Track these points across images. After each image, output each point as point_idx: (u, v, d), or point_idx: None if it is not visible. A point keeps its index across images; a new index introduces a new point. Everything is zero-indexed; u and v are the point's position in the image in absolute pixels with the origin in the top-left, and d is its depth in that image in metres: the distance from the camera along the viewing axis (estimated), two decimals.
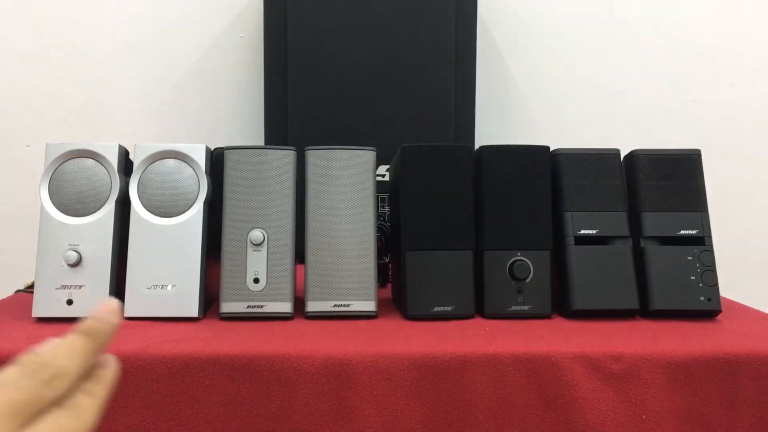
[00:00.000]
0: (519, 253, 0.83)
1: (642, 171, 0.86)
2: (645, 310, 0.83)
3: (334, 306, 0.81)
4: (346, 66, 1.22)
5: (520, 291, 0.83)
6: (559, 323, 0.81)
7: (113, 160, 0.82)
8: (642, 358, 0.69)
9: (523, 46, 1.43)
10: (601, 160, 0.86)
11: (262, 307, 0.80)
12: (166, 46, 1.40)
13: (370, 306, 0.82)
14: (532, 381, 0.68)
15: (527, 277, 0.82)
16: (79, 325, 0.31)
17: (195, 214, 0.82)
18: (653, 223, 0.85)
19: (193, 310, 0.80)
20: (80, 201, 0.81)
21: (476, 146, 0.97)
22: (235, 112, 1.41)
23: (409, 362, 0.67)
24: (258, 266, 0.81)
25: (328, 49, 1.22)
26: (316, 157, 0.84)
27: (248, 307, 0.80)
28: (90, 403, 0.28)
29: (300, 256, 0.83)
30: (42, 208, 0.81)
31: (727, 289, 0.93)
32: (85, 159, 0.83)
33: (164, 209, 0.82)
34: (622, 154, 0.88)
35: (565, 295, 0.83)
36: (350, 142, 0.86)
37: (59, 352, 0.28)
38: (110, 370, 0.30)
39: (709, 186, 0.87)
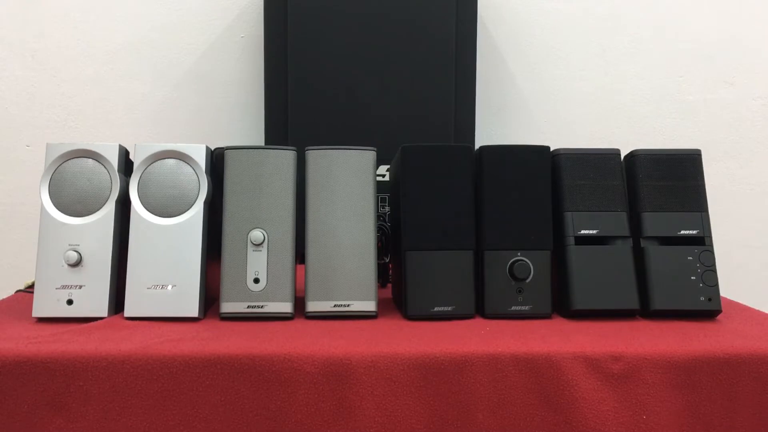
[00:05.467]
0: (519, 253, 0.83)
1: (642, 171, 0.86)
2: (645, 310, 0.83)
3: (335, 306, 0.81)
4: (346, 66, 1.22)
5: (520, 291, 0.83)
6: (559, 323, 0.81)
7: (113, 160, 0.82)
8: (642, 358, 0.69)
9: (523, 46, 1.43)
10: (601, 160, 0.86)
11: (262, 307, 0.80)
12: (166, 46, 1.40)
13: (370, 306, 0.82)
14: (532, 381, 0.68)
15: (527, 277, 0.82)
16: None
17: (195, 214, 0.82)
18: (653, 223, 0.85)
19: (193, 310, 0.80)
20: (80, 201, 0.81)
21: (476, 146, 0.97)
22: (235, 112, 1.41)
23: (410, 362, 0.67)
24: (258, 266, 0.81)
25: (328, 49, 1.22)
26: (316, 157, 0.84)
27: (248, 307, 0.80)
28: None
29: (300, 256, 0.83)
30: (42, 208, 0.81)
31: (727, 289, 0.93)
32: (85, 159, 0.83)
33: (164, 209, 0.82)
34: (622, 154, 0.88)
35: (565, 295, 0.83)
36: (350, 142, 0.86)
37: None
38: None
39: (709, 186, 0.87)
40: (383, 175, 1.20)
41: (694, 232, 0.84)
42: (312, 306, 0.81)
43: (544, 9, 1.43)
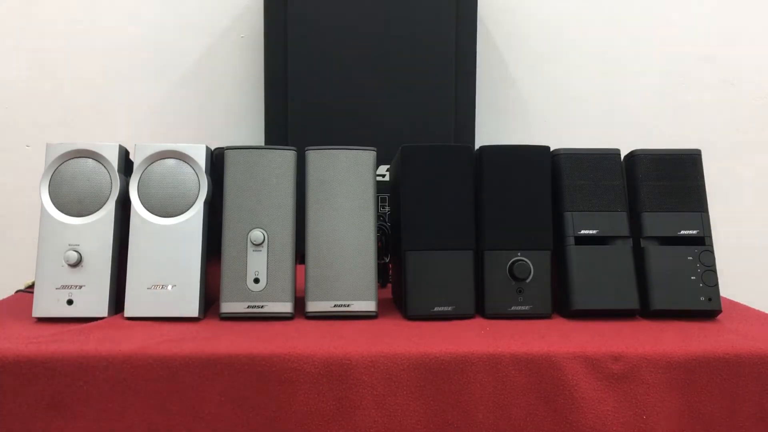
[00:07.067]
0: (519, 253, 0.83)
1: (642, 171, 0.86)
2: (645, 310, 0.83)
3: (335, 306, 0.81)
4: (346, 66, 1.22)
5: (520, 291, 0.83)
6: (559, 323, 0.81)
7: (113, 160, 0.82)
8: (642, 358, 0.69)
9: (523, 47, 1.43)
10: (601, 160, 0.86)
11: (262, 307, 0.80)
12: (167, 46, 1.40)
13: (370, 306, 0.82)
14: (532, 381, 0.68)
15: (527, 277, 0.82)
16: None
17: (195, 214, 0.82)
18: (653, 223, 0.85)
19: (193, 310, 0.80)
20: (80, 201, 0.81)
21: (476, 146, 0.97)
22: (235, 112, 1.41)
23: (410, 362, 0.67)
24: (258, 266, 0.81)
25: (328, 49, 1.22)
26: (316, 157, 0.84)
27: (248, 307, 0.80)
28: None
29: (300, 256, 0.83)
30: (42, 208, 0.81)
31: (727, 289, 0.93)
32: (85, 159, 0.83)
33: (164, 209, 0.82)
34: (622, 154, 0.88)
35: (565, 295, 0.83)
36: (350, 142, 0.86)
37: None
38: None
39: (709, 186, 0.87)
40: (383, 175, 1.20)
41: (694, 232, 0.84)
42: (312, 306, 0.81)
43: (544, 9, 1.43)
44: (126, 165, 0.85)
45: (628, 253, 0.83)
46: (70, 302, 0.79)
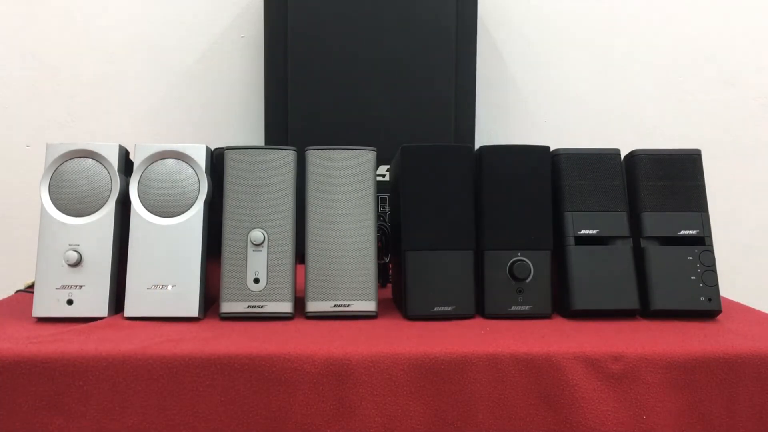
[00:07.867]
0: (519, 253, 0.83)
1: (642, 171, 0.86)
2: (645, 310, 0.83)
3: (335, 306, 0.81)
4: (346, 66, 1.22)
5: (520, 291, 0.83)
6: (559, 323, 0.81)
7: (113, 160, 0.82)
8: (642, 358, 0.69)
9: (523, 47, 1.43)
10: (601, 160, 0.86)
11: (262, 307, 0.81)
12: (167, 46, 1.40)
13: (370, 306, 0.82)
14: (532, 381, 0.68)
15: (527, 277, 0.82)
16: None
17: (195, 214, 0.82)
18: (653, 223, 0.85)
19: (193, 310, 0.80)
20: (80, 201, 0.81)
21: (476, 146, 0.97)
22: (235, 112, 1.41)
23: (410, 362, 0.67)
24: (258, 266, 0.81)
25: (329, 50, 1.22)
26: (316, 157, 0.84)
27: (248, 307, 0.80)
28: None
29: (300, 256, 0.83)
30: (42, 208, 0.81)
31: (727, 289, 0.93)
32: (85, 159, 0.83)
33: (164, 209, 0.82)
34: (622, 154, 0.88)
35: (565, 295, 0.83)
36: (350, 142, 0.86)
37: None
38: None
39: (709, 186, 0.87)
40: (383, 175, 1.20)
41: (694, 232, 0.84)
42: (312, 306, 0.81)
43: (544, 9, 1.43)
44: (126, 165, 0.85)
45: (628, 253, 0.83)
46: (70, 302, 0.79)
